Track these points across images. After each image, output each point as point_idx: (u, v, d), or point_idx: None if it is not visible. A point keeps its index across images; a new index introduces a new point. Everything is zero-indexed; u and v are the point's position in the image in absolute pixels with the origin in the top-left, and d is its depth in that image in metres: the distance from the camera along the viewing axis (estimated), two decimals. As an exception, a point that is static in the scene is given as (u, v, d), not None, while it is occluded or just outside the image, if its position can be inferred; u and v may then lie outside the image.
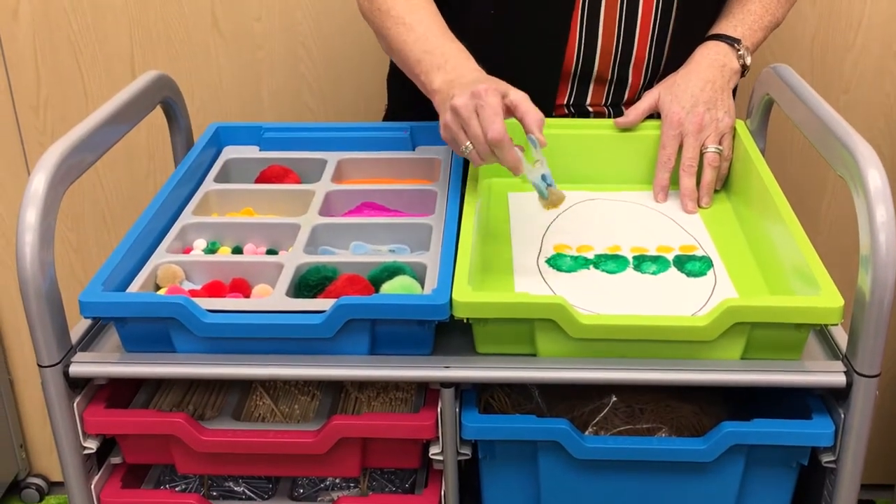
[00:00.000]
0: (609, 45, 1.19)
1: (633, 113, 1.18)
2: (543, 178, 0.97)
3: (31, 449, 2.00)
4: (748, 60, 1.19)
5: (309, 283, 0.93)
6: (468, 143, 0.96)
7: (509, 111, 0.97)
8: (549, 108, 1.23)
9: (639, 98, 1.24)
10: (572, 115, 1.24)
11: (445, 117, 0.98)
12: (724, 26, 1.22)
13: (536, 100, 1.17)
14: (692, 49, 1.22)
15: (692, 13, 1.21)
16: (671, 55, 1.22)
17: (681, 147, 1.15)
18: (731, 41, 1.19)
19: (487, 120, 0.94)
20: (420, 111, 1.25)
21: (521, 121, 0.97)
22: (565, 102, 1.24)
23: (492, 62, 1.20)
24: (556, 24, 1.17)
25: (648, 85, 1.24)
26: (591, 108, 1.25)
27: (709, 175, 1.14)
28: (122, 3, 1.61)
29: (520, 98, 0.97)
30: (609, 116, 1.25)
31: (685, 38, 1.22)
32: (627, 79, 1.22)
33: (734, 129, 1.17)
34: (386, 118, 1.39)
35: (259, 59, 1.66)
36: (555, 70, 1.20)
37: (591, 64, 1.20)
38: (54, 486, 2.03)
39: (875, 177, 0.85)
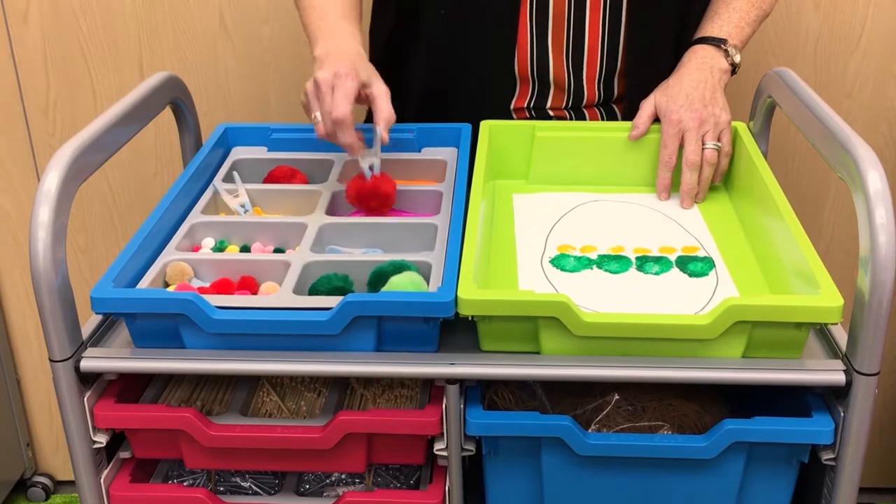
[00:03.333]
0: (560, 43, 1.20)
1: (640, 123, 1.19)
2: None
3: (38, 448, 2.02)
4: (737, 58, 1.21)
5: (319, 292, 0.93)
6: (317, 113, 1.04)
7: (369, 100, 1.05)
8: (506, 110, 1.25)
9: (600, 101, 1.26)
10: (533, 119, 1.26)
11: (307, 85, 1.05)
12: (708, 28, 1.24)
13: (494, 103, 1.21)
14: (649, 47, 1.24)
15: (643, 7, 1.22)
16: (627, 51, 1.23)
17: (681, 146, 1.17)
18: (717, 42, 1.21)
19: (336, 100, 1.01)
20: (399, 111, 1.26)
21: (374, 114, 1.05)
22: (525, 105, 1.25)
23: (447, 68, 1.23)
24: (503, 26, 1.20)
25: (607, 83, 1.25)
26: (551, 112, 1.26)
27: (706, 172, 1.15)
28: (130, 5, 1.63)
29: (378, 93, 1.05)
30: (570, 120, 1.27)
31: (639, 34, 1.23)
32: (583, 79, 1.24)
33: (731, 125, 1.18)
34: (368, 119, 1.41)
35: (267, 62, 1.68)
36: (507, 72, 1.22)
37: (546, 65, 1.22)
38: (60, 485, 2.04)
39: (874, 178, 0.86)
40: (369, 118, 1.41)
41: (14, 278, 1.87)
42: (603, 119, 1.28)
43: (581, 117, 1.27)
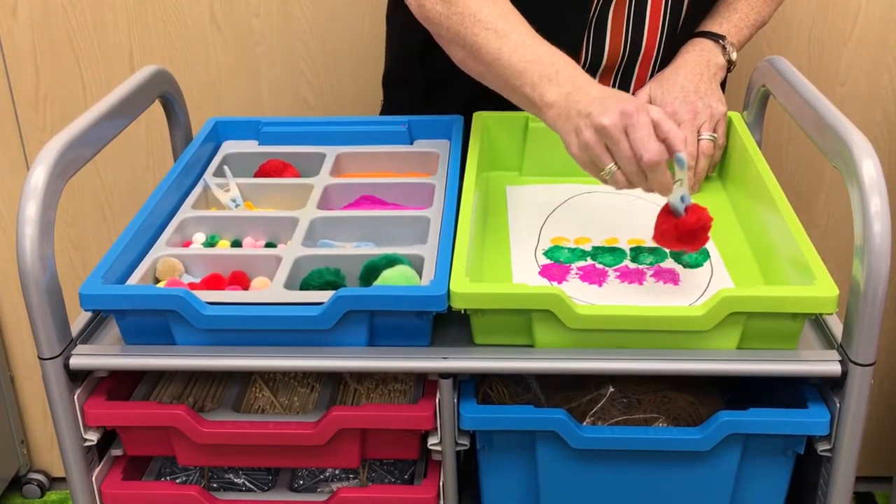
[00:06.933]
0: (617, 40, 1.19)
1: None
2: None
3: (32, 445, 2.01)
4: (733, 56, 1.21)
5: (310, 287, 0.93)
6: (612, 164, 0.91)
7: None
8: None
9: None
10: None
11: (585, 136, 0.91)
12: (709, 24, 1.24)
13: None
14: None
15: (702, 9, 1.22)
16: (682, 39, 1.23)
17: None
18: (716, 37, 1.21)
19: (642, 141, 0.88)
20: (416, 112, 1.25)
21: (664, 140, 0.90)
22: None
23: None
24: (574, 23, 1.16)
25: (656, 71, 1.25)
26: None
27: (702, 163, 1.14)
28: (120, -1, 1.62)
29: (660, 116, 0.90)
30: None
31: (694, 27, 1.23)
32: (634, 72, 1.22)
33: (727, 116, 1.18)
34: (382, 113, 1.39)
35: (257, 55, 1.66)
36: None
37: (600, 58, 1.20)
38: (55, 482, 2.03)
39: (869, 167, 0.85)
40: (383, 110, 1.39)
41: (6, 274, 1.86)
42: None
43: None
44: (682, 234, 0.92)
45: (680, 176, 0.91)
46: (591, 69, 1.21)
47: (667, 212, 0.94)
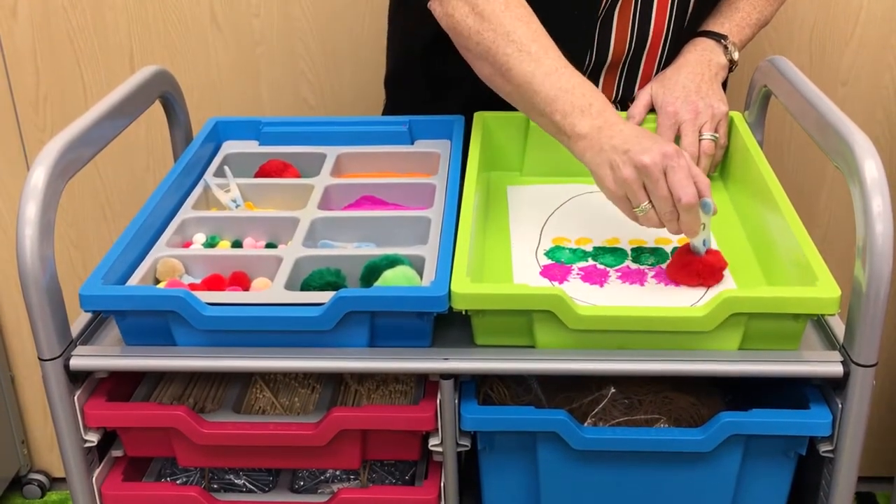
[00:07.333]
0: (623, 36, 1.18)
1: (636, 112, 1.19)
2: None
3: (33, 445, 2.01)
4: (735, 56, 1.21)
5: (311, 287, 0.93)
6: (646, 203, 0.92)
7: None
8: None
9: None
10: None
11: (623, 172, 0.92)
12: (711, 23, 1.24)
13: None
14: None
15: (709, 4, 1.22)
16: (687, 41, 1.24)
17: (678, 137, 1.16)
18: (718, 37, 1.22)
19: (681, 183, 0.89)
20: (418, 112, 1.24)
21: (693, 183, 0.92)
22: None
23: None
24: (584, 21, 1.16)
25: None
26: None
27: (703, 163, 1.14)
28: (120, -1, 1.62)
29: (691, 161, 0.93)
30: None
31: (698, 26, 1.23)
32: (639, 68, 1.22)
33: (729, 115, 1.17)
34: (384, 113, 1.39)
35: (258, 55, 1.66)
36: (578, 67, 1.19)
37: (605, 54, 1.20)
38: (56, 482, 2.03)
39: (871, 167, 0.85)
40: (385, 111, 1.38)
41: (6, 275, 1.86)
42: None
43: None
44: (702, 272, 0.95)
45: (704, 220, 0.93)
46: (597, 65, 1.21)
47: (684, 252, 0.96)
